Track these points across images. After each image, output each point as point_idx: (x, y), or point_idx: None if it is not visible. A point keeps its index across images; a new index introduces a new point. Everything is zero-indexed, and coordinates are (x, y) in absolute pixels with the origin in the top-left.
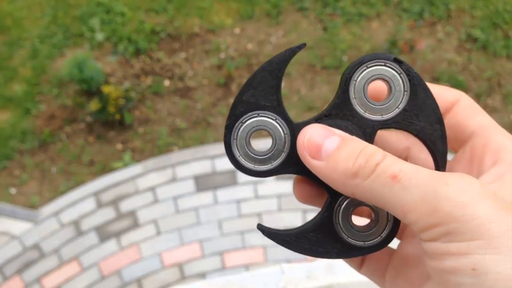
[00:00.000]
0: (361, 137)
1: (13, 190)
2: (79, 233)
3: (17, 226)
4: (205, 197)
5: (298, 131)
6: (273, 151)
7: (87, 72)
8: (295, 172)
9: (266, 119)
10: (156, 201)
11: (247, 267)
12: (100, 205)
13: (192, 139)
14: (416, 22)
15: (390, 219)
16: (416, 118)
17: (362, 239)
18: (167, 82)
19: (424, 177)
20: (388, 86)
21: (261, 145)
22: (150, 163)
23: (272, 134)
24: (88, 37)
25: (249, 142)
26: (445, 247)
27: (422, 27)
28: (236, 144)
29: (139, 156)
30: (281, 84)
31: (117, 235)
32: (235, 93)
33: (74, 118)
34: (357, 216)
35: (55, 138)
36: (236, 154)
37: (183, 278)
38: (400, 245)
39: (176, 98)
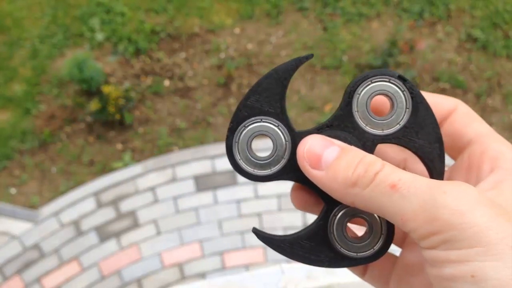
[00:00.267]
0: (361, 149)
1: (13, 190)
2: (79, 233)
3: (17, 226)
4: (205, 197)
5: (299, 139)
6: (273, 157)
7: (87, 72)
8: (294, 179)
9: (268, 125)
10: (156, 201)
11: (247, 267)
12: (100, 205)
13: (192, 139)
14: (416, 22)
15: (384, 232)
16: (416, 136)
17: (355, 250)
18: (167, 82)
19: (422, 186)
20: (391, 102)
21: (261, 144)
22: (150, 163)
23: (273, 140)
24: (88, 37)
25: (250, 146)
26: (444, 255)
27: (422, 27)
28: (237, 147)
29: (139, 156)
30: (285, 92)
31: (117, 235)
32: (235, 93)
33: (74, 118)
34: (354, 224)
35: (55, 138)
36: (237, 157)
37: (183, 278)
38: (402, 254)
39: (176, 98)
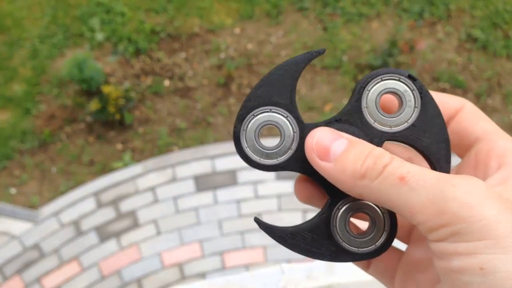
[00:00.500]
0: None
1: (13, 190)
2: (79, 233)
3: (17, 226)
4: (205, 197)
5: (307, 131)
6: (280, 147)
7: (87, 72)
8: (299, 170)
9: (277, 115)
10: (156, 201)
11: (247, 267)
12: (100, 205)
13: (192, 139)
14: (416, 22)
15: (387, 228)
16: (423, 135)
17: (356, 245)
18: (167, 82)
19: (431, 179)
20: (400, 100)
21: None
22: (150, 163)
23: (281, 130)
24: (88, 37)
25: (258, 135)
26: (453, 247)
27: (422, 27)
28: (245, 135)
29: (139, 156)
30: (296, 85)
31: (117, 235)
32: (235, 93)
33: (74, 118)
34: (357, 219)
35: (55, 138)
36: (244, 145)
37: (183, 278)
38: (408, 250)
39: (176, 98)
